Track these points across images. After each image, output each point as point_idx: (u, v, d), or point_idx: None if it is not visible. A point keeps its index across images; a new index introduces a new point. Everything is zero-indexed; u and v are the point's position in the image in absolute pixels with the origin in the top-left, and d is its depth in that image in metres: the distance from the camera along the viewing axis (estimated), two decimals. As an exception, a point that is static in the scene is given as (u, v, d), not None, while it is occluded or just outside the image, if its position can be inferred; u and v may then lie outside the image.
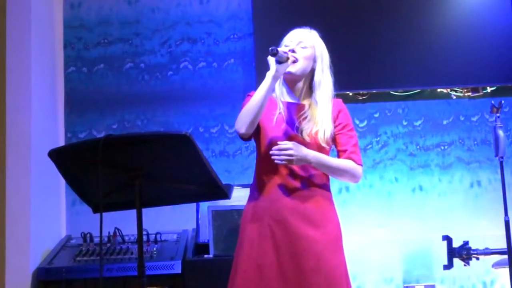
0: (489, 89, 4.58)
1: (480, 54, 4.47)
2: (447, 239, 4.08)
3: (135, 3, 4.61)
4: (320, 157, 2.77)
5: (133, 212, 2.44)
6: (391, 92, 4.58)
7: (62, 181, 3.91)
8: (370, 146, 4.57)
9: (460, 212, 4.50)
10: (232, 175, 4.41)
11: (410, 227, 4.46)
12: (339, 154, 2.86)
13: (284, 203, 2.76)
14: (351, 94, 4.55)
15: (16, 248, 3.65)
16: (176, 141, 2.36)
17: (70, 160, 2.48)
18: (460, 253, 4.03)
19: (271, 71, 2.75)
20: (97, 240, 3.89)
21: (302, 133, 2.80)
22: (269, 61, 2.76)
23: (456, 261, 4.06)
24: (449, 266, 4.06)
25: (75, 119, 4.50)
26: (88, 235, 3.94)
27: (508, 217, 3.69)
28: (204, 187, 2.51)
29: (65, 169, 2.51)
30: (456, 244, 4.07)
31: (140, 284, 2.39)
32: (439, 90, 4.60)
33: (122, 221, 3.62)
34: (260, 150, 2.86)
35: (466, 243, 4.06)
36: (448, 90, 4.59)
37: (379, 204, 4.51)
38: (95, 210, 2.57)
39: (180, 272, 3.68)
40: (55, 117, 4.32)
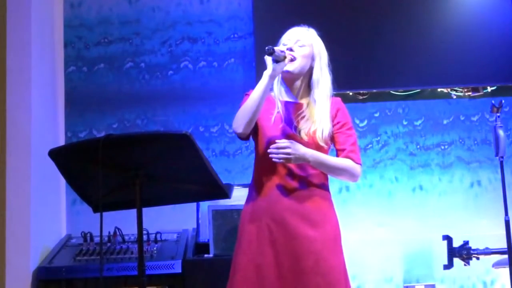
0: (489, 89, 4.58)
1: (480, 54, 4.47)
2: (447, 239, 4.08)
3: (135, 3, 4.60)
4: (319, 156, 2.76)
5: (133, 212, 2.44)
6: (392, 92, 4.58)
7: (62, 181, 3.91)
8: (370, 146, 4.57)
9: (460, 212, 4.50)
10: (232, 175, 4.41)
11: (410, 227, 4.46)
12: (338, 153, 2.85)
13: (283, 203, 2.75)
14: (352, 94, 4.55)
15: (16, 248, 3.64)
16: (177, 141, 2.36)
17: (70, 160, 2.48)
18: (460, 253, 4.03)
19: (268, 70, 2.73)
20: (97, 240, 3.89)
21: (300, 133, 2.79)
22: (266, 60, 2.74)
23: (456, 261, 4.06)
24: (449, 266, 4.06)
25: (75, 119, 4.50)
26: (88, 235, 3.94)
27: (508, 217, 3.69)
28: (204, 187, 2.51)
29: (65, 169, 2.52)
30: (456, 244, 4.07)
31: (140, 284, 2.39)
32: (440, 90, 4.60)
33: (122, 221, 3.62)
34: (259, 150, 2.85)
35: (466, 243, 4.06)
36: (449, 90, 4.59)
37: (379, 204, 4.51)
38: (95, 210, 2.57)
39: (180, 272, 3.67)
40: (55, 117, 4.32)
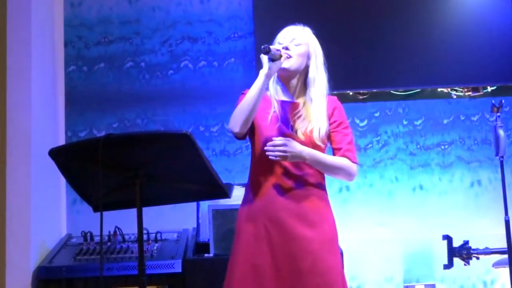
0: (490, 89, 4.58)
1: (481, 54, 4.47)
2: (447, 239, 4.08)
3: (136, 2, 4.60)
4: (315, 154, 2.76)
5: (134, 211, 2.44)
6: (392, 92, 4.58)
7: (63, 180, 3.91)
8: (371, 146, 4.57)
9: (460, 212, 4.50)
10: (233, 174, 4.41)
11: (411, 227, 4.46)
12: (334, 152, 2.85)
13: (280, 203, 2.75)
14: (352, 94, 4.55)
15: (17, 247, 3.64)
16: (177, 140, 2.36)
17: (71, 159, 2.48)
18: (460, 253, 4.03)
19: (264, 69, 2.72)
20: (98, 239, 3.89)
21: (297, 132, 2.79)
22: (262, 59, 2.74)
23: (456, 261, 4.06)
24: (449, 266, 4.07)
25: (76, 118, 4.50)
26: (89, 234, 3.94)
27: (508, 217, 3.69)
28: (205, 186, 2.51)
29: (66, 168, 2.51)
30: (456, 244, 4.07)
31: (141, 283, 2.39)
32: (440, 90, 4.60)
33: (123, 220, 3.61)
34: (255, 150, 2.85)
35: (466, 243, 4.07)
36: (449, 90, 4.59)
37: (380, 204, 4.51)
38: (95, 209, 2.56)
39: (181, 271, 3.67)
40: (56, 116, 4.32)
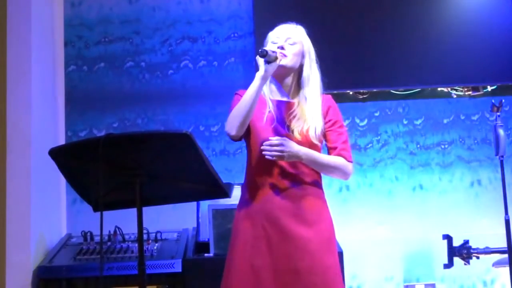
0: (490, 88, 4.58)
1: (481, 53, 4.47)
2: (448, 238, 4.08)
3: (136, 2, 4.60)
4: (311, 154, 2.76)
5: (134, 211, 2.44)
6: (392, 91, 4.58)
7: (63, 180, 3.92)
8: (371, 145, 4.57)
9: (461, 211, 4.50)
10: (233, 174, 4.40)
11: (411, 226, 4.46)
12: (329, 151, 2.86)
13: (277, 203, 2.75)
14: (352, 93, 4.55)
15: (17, 247, 3.64)
16: (177, 140, 2.36)
17: (71, 159, 2.48)
18: (461, 252, 4.03)
19: (260, 71, 2.72)
20: (98, 239, 3.88)
21: (294, 132, 2.79)
22: (258, 62, 2.74)
23: (457, 260, 4.06)
24: (450, 265, 4.07)
25: (76, 118, 4.50)
26: (89, 234, 3.94)
27: (508, 216, 3.69)
28: (205, 186, 2.51)
29: (66, 168, 2.51)
30: (457, 243, 4.07)
31: (141, 283, 2.39)
32: (440, 89, 4.60)
33: (123, 220, 3.61)
34: (251, 150, 2.85)
35: (467, 242, 4.07)
36: (449, 89, 4.59)
37: (380, 203, 4.51)
38: (96, 209, 2.56)
39: (181, 271, 3.67)
40: (56, 116, 4.32)
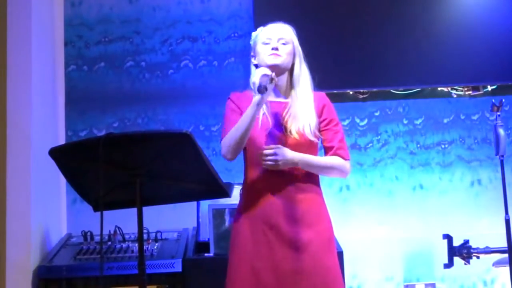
0: (490, 88, 4.58)
1: (481, 53, 4.47)
2: (448, 238, 4.08)
3: (136, 2, 4.60)
4: (306, 158, 2.77)
5: (134, 211, 2.44)
6: (392, 91, 4.58)
7: (63, 180, 3.91)
8: (371, 145, 4.57)
9: (461, 211, 4.50)
10: (233, 174, 4.38)
11: (411, 226, 4.46)
12: (326, 150, 2.86)
13: (275, 208, 2.75)
14: (352, 93, 4.55)
15: (17, 247, 3.64)
16: (177, 140, 2.36)
17: (71, 159, 2.48)
18: (461, 252, 4.03)
19: (256, 98, 2.70)
20: (98, 239, 3.88)
21: (292, 132, 2.79)
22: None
23: (457, 260, 4.06)
24: (450, 265, 4.07)
25: (76, 118, 4.50)
26: (89, 234, 3.94)
27: (509, 216, 3.68)
28: (205, 186, 2.51)
29: (66, 168, 2.52)
30: (457, 243, 4.07)
31: (141, 283, 2.39)
32: (440, 89, 4.59)
33: (123, 220, 3.61)
34: (248, 154, 2.86)
35: (467, 242, 4.06)
36: (449, 89, 4.59)
37: (380, 203, 4.51)
38: (96, 209, 2.57)
39: (181, 271, 3.67)
40: (56, 116, 4.32)
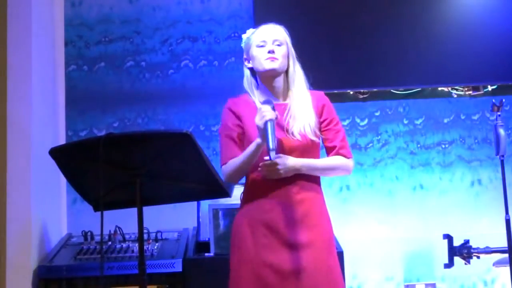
0: (490, 88, 4.58)
1: (481, 53, 4.47)
2: (448, 238, 4.08)
3: (136, 2, 4.60)
4: (309, 163, 2.77)
5: (134, 211, 2.44)
6: (392, 91, 4.57)
7: (63, 180, 3.91)
8: (371, 145, 4.57)
9: (461, 211, 4.50)
10: (233, 174, 4.40)
11: (411, 226, 4.46)
12: (328, 151, 2.87)
13: (276, 212, 2.75)
14: (352, 93, 4.55)
15: (17, 247, 3.64)
16: (177, 140, 2.36)
17: (71, 159, 2.48)
18: (461, 252, 4.03)
19: (258, 140, 2.71)
20: (98, 239, 3.88)
21: (294, 133, 2.79)
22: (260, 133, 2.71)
23: (457, 260, 4.06)
24: (450, 265, 4.06)
25: (76, 117, 4.50)
26: (89, 234, 3.94)
27: (509, 216, 3.68)
28: (205, 186, 2.51)
29: (66, 168, 2.51)
30: (457, 243, 4.07)
31: (141, 283, 2.39)
32: (440, 89, 4.59)
33: (123, 220, 3.61)
34: None
35: (467, 242, 4.06)
36: (449, 89, 4.59)
37: (380, 203, 4.51)
38: (96, 209, 2.57)
39: (181, 271, 3.67)
40: (56, 115, 4.32)
